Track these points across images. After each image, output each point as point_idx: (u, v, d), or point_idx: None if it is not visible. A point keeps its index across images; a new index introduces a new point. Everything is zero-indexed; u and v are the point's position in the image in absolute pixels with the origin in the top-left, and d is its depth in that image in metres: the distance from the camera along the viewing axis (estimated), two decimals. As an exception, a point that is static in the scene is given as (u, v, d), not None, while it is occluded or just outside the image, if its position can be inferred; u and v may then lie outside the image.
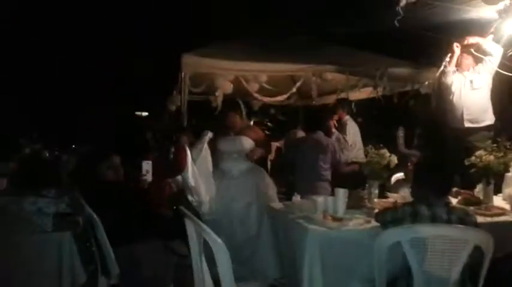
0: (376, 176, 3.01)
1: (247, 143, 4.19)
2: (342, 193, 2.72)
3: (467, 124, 4.53)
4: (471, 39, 4.34)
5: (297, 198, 2.93)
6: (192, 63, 5.43)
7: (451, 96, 4.59)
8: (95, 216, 2.66)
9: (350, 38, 6.81)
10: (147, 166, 2.75)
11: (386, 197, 3.19)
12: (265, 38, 6.16)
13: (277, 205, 3.05)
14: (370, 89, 6.54)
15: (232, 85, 6.11)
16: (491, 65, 4.30)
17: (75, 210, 2.79)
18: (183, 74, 5.43)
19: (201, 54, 5.53)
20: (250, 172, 4.19)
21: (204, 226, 2.01)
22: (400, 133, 6.25)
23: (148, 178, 2.73)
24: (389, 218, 2.31)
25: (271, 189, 4.22)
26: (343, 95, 7.34)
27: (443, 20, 4.56)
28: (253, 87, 6.16)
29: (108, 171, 2.78)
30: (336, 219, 2.49)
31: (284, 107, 10.11)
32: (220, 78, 5.94)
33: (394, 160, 3.01)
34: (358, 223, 2.49)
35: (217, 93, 6.10)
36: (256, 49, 5.89)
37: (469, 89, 4.50)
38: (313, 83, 6.22)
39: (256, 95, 6.13)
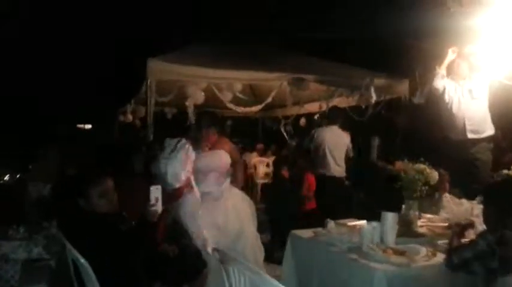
0: (416, 195, 2.61)
1: (226, 158, 3.66)
2: (391, 218, 2.29)
3: (470, 135, 4.32)
4: (470, 48, 4.15)
5: (331, 224, 2.45)
6: (159, 69, 4.84)
7: (449, 106, 4.38)
8: (82, 261, 1.99)
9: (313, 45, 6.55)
10: (156, 192, 2.09)
11: (419, 218, 2.79)
12: (238, 44, 5.73)
13: (305, 233, 2.54)
14: (339, 99, 6.36)
15: (203, 94, 5.56)
16: (487, 78, 4.16)
17: (53, 253, 2.11)
18: (149, 81, 4.82)
19: (169, 60, 4.96)
20: (229, 191, 3.66)
21: (268, 278, 1.47)
22: (375, 143, 6.03)
23: (158, 208, 2.07)
24: (469, 254, 1.88)
25: (252, 208, 3.71)
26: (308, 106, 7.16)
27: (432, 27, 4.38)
28: (226, 96, 5.64)
29: (101, 200, 2.10)
30: (398, 252, 2.04)
31: (241, 119, 9.65)
32: (192, 87, 5.37)
33: (435, 175, 2.63)
34: (423, 256, 2.05)
35: (187, 103, 5.50)
36: (230, 56, 5.43)
37: (468, 98, 4.31)
38: (288, 92, 5.84)
39: (229, 105, 5.60)
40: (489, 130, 4.34)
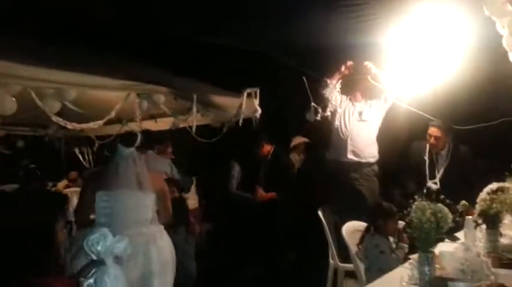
0: (430, 244, 1.95)
1: None
2: None
3: (350, 156, 4.13)
4: (369, 65, 3.91)
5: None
6: None
7: (336, 123, 4.11)
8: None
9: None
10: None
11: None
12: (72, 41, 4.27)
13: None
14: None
15: (16, 102, 3.83)
16: (385, 104, 4.03)
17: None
18: None
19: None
20: None
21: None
22: (235, 171, 5.36)
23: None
24: None
25: None
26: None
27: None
28: (52, 107, 4.04)
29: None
30: None
31: (38, 139, 7.52)
32: (-2, 90, 3.59)
33: (449, 217, 2.02)
34: None
35: (-12, 115, 3.67)
36: (61, 53, 3.94)
37: (356, 119, 4.11)
38: (137, 106, 4.60)
39: (55, 118, 3.99)
40: (371, 158, 4.21)
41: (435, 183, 3.93)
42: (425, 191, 3.85)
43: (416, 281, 1.98)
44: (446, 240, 2.46)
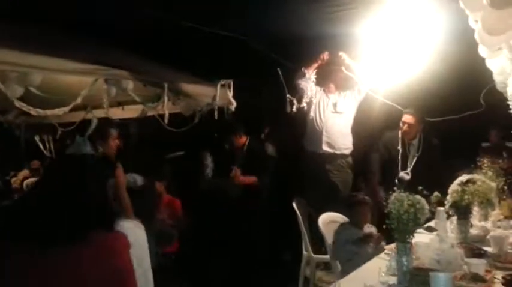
0: (407, 234, 1.96)
1: None
2: (445, 280, 1.58)
3: (325, 147, 4.13)
4: (343, 56, 3.90)
5: None
6: None
7: (311, 115, 4.10)
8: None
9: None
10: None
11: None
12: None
13: None
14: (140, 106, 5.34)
15: (-27, 86, 3.59)
16: (358, 95, 4.05)
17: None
18: None
19: None
20: None
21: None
22: (208, 160, 5.29)
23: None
24: None
25: None
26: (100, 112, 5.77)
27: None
28: (14, 91, 3.81)
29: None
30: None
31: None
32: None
33: (426, 208, 2.04)
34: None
35: None
36: (24, 36, 3.72)
37: (330, 111, 4.11)
38: (105, 92, 4.42)
39: (19, 104, 3.78)
40: (345, 149, 4.24)
41: (407, 173, 3.99)
42: (397, 181, 3.90)
43: (394, 271, 2.00)
44: (422, 231, 2.51)
